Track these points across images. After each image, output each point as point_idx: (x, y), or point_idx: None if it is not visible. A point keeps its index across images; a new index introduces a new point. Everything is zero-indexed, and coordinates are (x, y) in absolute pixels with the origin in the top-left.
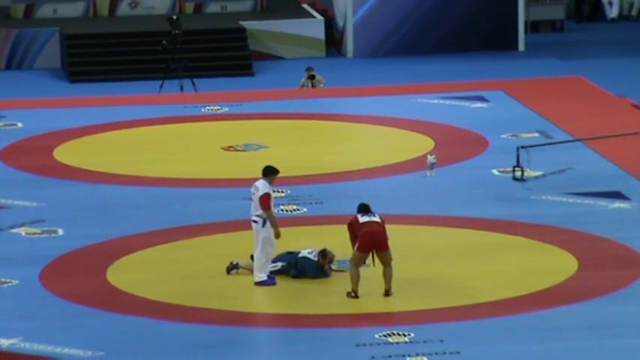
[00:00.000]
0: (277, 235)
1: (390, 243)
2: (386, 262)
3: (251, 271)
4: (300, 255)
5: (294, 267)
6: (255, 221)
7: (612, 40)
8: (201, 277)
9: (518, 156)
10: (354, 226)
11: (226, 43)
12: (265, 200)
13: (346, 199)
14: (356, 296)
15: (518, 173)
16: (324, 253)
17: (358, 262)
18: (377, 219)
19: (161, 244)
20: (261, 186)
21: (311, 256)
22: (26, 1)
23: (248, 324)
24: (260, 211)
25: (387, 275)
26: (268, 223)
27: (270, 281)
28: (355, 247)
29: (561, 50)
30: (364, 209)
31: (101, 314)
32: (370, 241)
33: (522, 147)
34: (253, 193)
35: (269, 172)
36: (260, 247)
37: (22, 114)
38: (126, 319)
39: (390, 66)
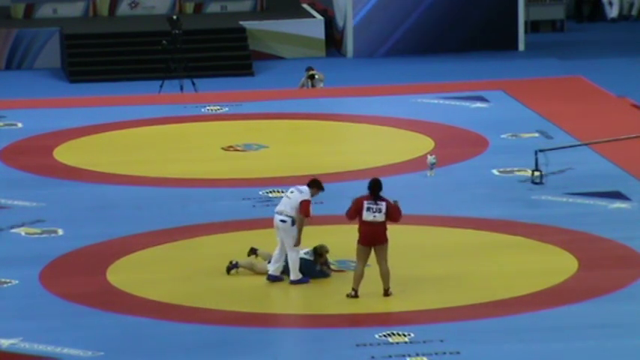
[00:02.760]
0: (297, 244)
1: (389, 243)
2: (381, 257)
3: (251, 270)
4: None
5: None
6: (283, 220)
7: (612, 40)
8: (201, 277)
9: (536, 159)
10: (356, 207)
11: (226, 43)
12: (307, 206)
13: (346, 199)
14: (356, 296)
15: (537, 176)
16: (318, 252)
17: (360, 254)
18: (380, 218)
19: (161, 244)
20: (305, 192)
21: (307, 257)
22: (26, 1)
23: (248, 324)
24: (291, 212)
25: (384, 275)
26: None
27: (305, 279)
28: (357, 240)
29: (561, 50)
30: (374, 192)
31: (101, 314)
32: (367, 239)
33: (540, 150)
34: (292, 192)
35: (314, 185)
36: (291, 247)
37: (22, 114)
38: (126, 319)
39: (390, 66)
